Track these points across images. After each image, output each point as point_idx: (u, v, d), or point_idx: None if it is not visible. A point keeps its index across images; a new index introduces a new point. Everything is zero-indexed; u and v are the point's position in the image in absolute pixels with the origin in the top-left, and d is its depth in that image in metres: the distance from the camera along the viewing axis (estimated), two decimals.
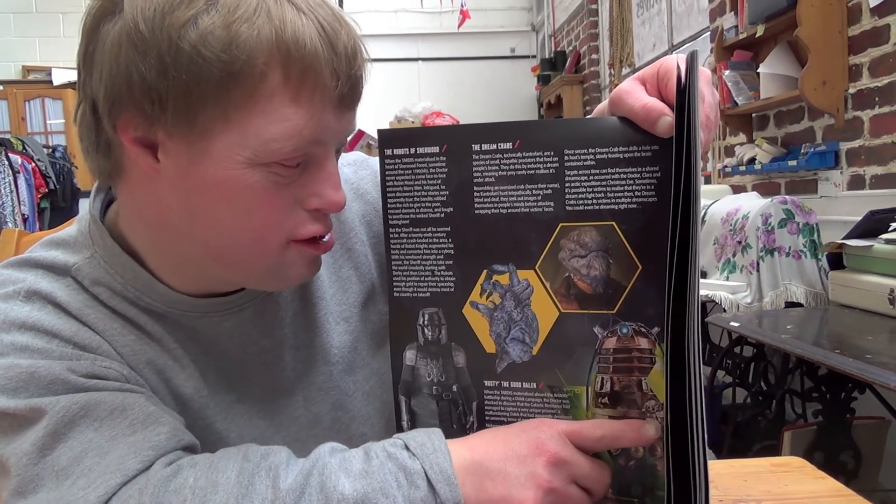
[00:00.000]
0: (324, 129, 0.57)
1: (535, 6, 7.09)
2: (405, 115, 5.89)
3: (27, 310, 0.59)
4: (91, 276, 0.62)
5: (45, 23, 6.54)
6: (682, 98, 0.52)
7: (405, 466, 0.54)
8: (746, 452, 2.15)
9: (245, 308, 0.67)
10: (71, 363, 0.57)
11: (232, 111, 0.53)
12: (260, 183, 0.56)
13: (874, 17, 2.26)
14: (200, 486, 0.52)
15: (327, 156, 0.59)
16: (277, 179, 0.56)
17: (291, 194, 0.58)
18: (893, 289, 1.69)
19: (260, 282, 0.63)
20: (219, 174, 0.55)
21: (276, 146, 0.54)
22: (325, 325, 0.71)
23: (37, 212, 4.97)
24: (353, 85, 0.58)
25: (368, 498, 0.52)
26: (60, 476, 0.53)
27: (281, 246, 0.59)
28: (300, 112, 0.55)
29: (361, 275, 0.75)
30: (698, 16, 3.75)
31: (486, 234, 0.59)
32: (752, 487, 0.74)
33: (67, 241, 0.65)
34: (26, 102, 6.11)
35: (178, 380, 0.64)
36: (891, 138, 2.22)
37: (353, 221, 0.75)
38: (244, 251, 0.59)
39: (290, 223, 0.59)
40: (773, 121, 2.90)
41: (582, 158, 0.56)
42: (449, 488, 0.53)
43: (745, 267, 2.20)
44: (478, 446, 0.56)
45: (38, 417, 0.54)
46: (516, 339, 0.60)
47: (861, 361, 1.36)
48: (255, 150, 0.54)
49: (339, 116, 0.58)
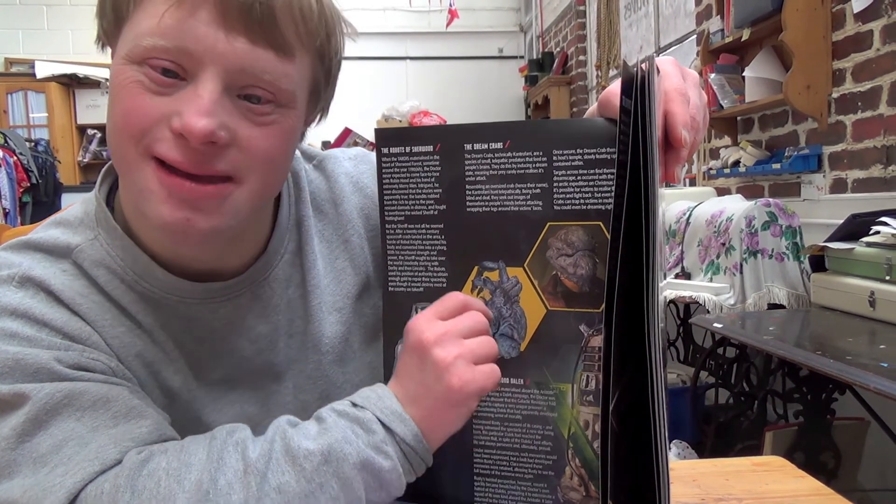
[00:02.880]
0: (195, 38, 0.55)
1: (524, 7, 7.10)
2: (392, 113, 5.88)
3: (20, 296, 0.59)
4: (92, 258, 0.63)
5: (28, 15, 6.47)
6: (639, 100, 0.52)
7: (357, 418, 0.56)
8: (728, 452, 2.17)
9: (241, 294, 0.68)
10: (59, 353, 0.57)
11: (131, 8, 0.57)
12: (129, 80, 0.56)
13: (858, 23, 2.28)
14: (174, 468, 0.53)
15: (204, 78, 0.55)
16: (144, 81, 0.56)
17: (158, 106, 0.56)
18: (874, 291, 1.71)
19: (145, 213, 0.60)
20: (112, 71, 0.58)
21: (142, 42, 0.55)
22: (318, 313, 0.72)
23: (18, 206, 4.91)
24: (247, 6, 0.55)
25: (333, 448, 0.54)
26: (38, 463, 0.53)
27: (139, 155, 0.57)
28: (170, 10, 0.55)
29: (356, 267, 0.75)
30: (685, 19, 3.77)
31: (477, 231, 0.60)
32: (734, 486, 0.75)
33: (72, 222, 0.65)
34: (8, 95, 6.03)
35: (166, 373, 0.64)
36: (873, 143, 2.25)
37: (350, 213, 0.76)
38: (116, 153, 0.59)
39: (151, 135, 0.56)
40: (757, 124, 2.93)
41: (570, 159, 0.57)
42: (403, 424, 0.56)
43: (729, 268, 2.23)
44: (400, 380, 0.59)
45: (20, 403, 0.54)
46: (505, 335, 0.60)
47: (841, 363, 1.38)
48: (131, 44, 0.56)
49: (225, 36, 0.55)
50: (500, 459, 0.62)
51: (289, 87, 0.59)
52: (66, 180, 5.56)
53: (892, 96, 2.15)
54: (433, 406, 0.57)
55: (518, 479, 0.61)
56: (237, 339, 0.68)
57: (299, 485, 0.53)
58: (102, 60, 4.57)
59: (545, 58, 6.16)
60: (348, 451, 0.54)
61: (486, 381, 0.56)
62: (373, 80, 6.55)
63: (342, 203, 0.75)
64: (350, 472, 0.54)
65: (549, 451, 0.60)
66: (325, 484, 0.54)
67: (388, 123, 5.77)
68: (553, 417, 0.60)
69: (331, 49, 0.63)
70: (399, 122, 5.74)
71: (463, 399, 0.56)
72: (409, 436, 0.56)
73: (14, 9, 6.47)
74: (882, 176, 2.21)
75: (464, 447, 0.62)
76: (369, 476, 0.55)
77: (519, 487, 0.61)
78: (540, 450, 0.60)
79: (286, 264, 0.71)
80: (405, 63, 7.02)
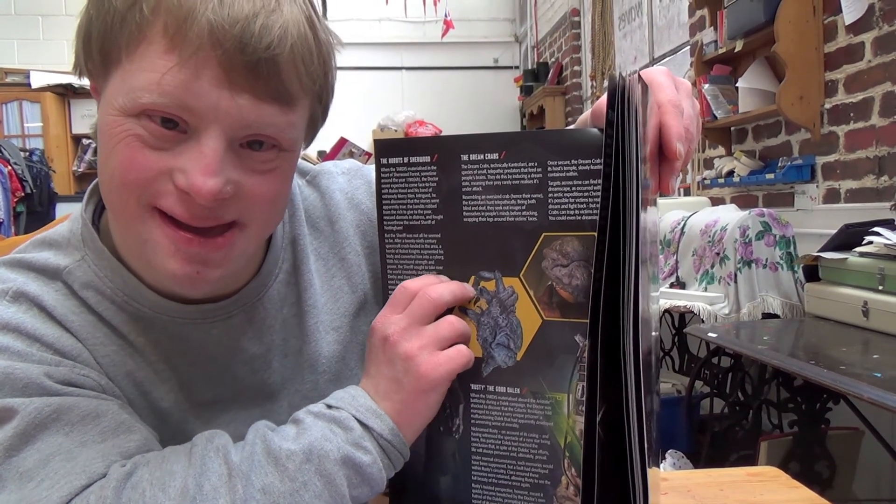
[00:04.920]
0: (197, 96, 0.53)
1: (519, 17, 7.14)
2: (388, 123, 5.91)
3: (12, 311, 0.59)
4: (81, 280, 0.62)
5: (23, 25, 6.48)
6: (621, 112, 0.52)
7: (333, 417, 0.57)
8: (724, 462, 2.17)
9: (233, 315, 0.67)
10: (49, 368, 0.57)
11: (123, 55, 0.55)
12: (126, 133, 0.54)
13: (850, 35, 2.31)
14: (157, 477, 0.52)
15: (208, 135, 0.54)
16: (143, 135, 0.54)
17: (161, 160, 0.55)
18: (867, 301, 1.72)
19: (151, 269, 0.60)
20: (104, 120, 0.57)
21: (140, 96, 0.53)
22: (315, 333, 0.71)
23: (12, 216, 4.90)
24: (252, 64, 0.53)
25: (313, 446, 0.55)
26: (24, 478, 0.53)
27: (142, 208, 0.56)
28: (169, 66, 0.52)
29: (354, 285, 0.74)
30: (678, 30, 3.80)
31: (473, 241, 0.60)
32: (728, 497, 0.75)
33: (59, 242, 0.64)
34: (3, 105, 6.03)
35: (157, 393, 0.64)
36: (865, 153, 2.26)
37: (346, 231, 0.75)
38: (115, 204, 0.58)
39: (153, 188, 0.55)
40: (751, 134, 2.95)
41: (565, 169, 0.57)
42: (379, 419, 0.58)
43: (723, 278, 2.23)
44: (371, 378, 0.60)
45: (8, 417, 0.54)
46: (502, 345, 0.60)
47: (835, 373, 1.38)
48: (126, 96, 0.54)
49: (230, 94, 0.53)
50: (497, 467, 0.62)
51: (291, 136, 0.59)
52: (60, 190, 5.56)
53: (884, 107, 2.17)
54: (405, 399, 0.58)
55: (515, 488, 0.62)
56: (230, 360, 0.67)
57: (283, 485, 0.54)
58: None
59: (540, 68, 6.19)
60: (328, 448, 0.55)
61: (452, 363, 0.58)
62: (368, 90, 6.57)
63: (338, 220, 0.74)
64: (332, 469, 0.55)
65: (545, 460, 0.60)
66: (309, 482, 0.54)
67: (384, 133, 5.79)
68: (549, 427, 0.60)
69: (328, 87, 0.63)
70: (394, 132, 5.76)
71: (433, 385, 0.58)
72: (385, 430, 0.57)
73: (9, 19, 6.48)
74: (875, 186, 2.22)
75: (463, 454, 0.63)
76: (351, 472, 0.56)
77: (516, 496, 0.61)
78: (536, 459, 0.61)
79: (281, 284, 0.70)
80: (401, 73, 7.04)
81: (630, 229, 0.50)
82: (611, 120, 0.52)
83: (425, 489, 0.59)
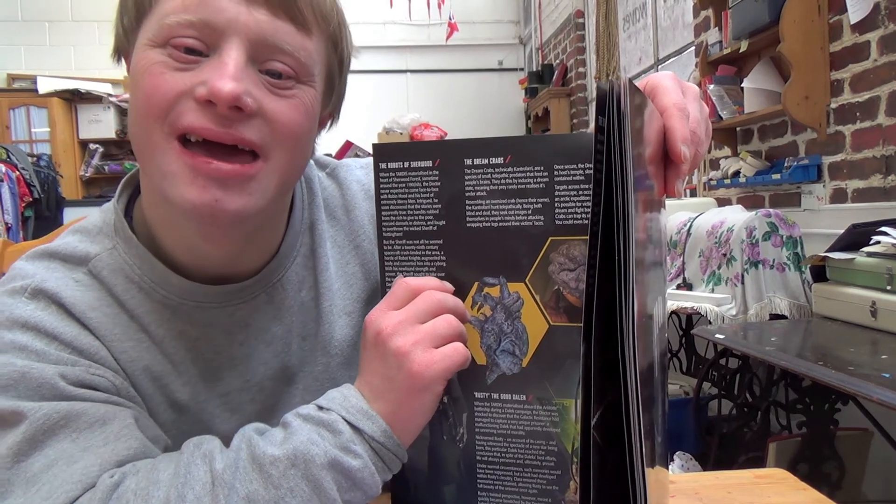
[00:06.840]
0: (217, 10, 0.57)
1: (523, 19, 7.14)
2: (393, 126, 5.91)
3: (31, 308, 0.60)
4: (111, 266, 0.64)
5: (30, 31, 6.51)
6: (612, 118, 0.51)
7: (322, 420, 0.56)
8: (732, 464, 2.16)
9: (256, 295, 0.69)
10: (64, 368, 0.57)
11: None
12: (151, 62, 0.57)
13: (855, 34, 2.30)
14: (142, 488, 0.52)
15: (228, 48, 0.57)
16: (168, 61, 0.57)
17: (183, 80, 0.57)
18: (875, 301, 1.71)
19: (170, 198, 0.59)
20: (134, 66, 0.60)
21: (166, 20, 0.57)
22: (329, 315, 0.73)
23: (21, 221, 4.92)
24: None
25: (298, 451, 0.54)
26: (30, 482, 0.53)
27: (164, 138, 0.58)
28: None
29: (367, 272, 0.76)
30: (683, 31, 3.80)
31: (477, 246, 0.60)
32: (736, 499, 0.75)
33: (91, 230, 0.67)
34: (10, 110, 6.06)
35: (174, 386, 0.65)
36: (872, 153, 2.25)
37: (362, 220, 0.77)
38: (140, 138, 0.59)
39: (176, 110, 0.57)
40: (757, 135, 2.94)
41: (571, 173, 0.57)
42: (370, 421, 0.56)
43: (730, 279, 2.23)
44: (364, 376, 0.58)
45: (17, 421, 0.55)
46: (506, 352, 0.60)
47: (844, 373, 1.38)
48: (154, 28, 0.58)
49: (247, 8, 0.58)
50: (503, 475, 0.62)
51: (308, 62, 0.61)
52: (68, 195, 5.58)
53: (890, 106, 2.16)
54: (399, 398, 0.56)
55: (522, 495, 0.61)
56: (254, 343, 0.69)
57: (268, 492, 0.53)
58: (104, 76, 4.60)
59: (545, 70, 6.19)
60: (315, 452, 0.54)
61: (447, 361, 0.56)
62: (373, 93, 6.58)
63: (354, 210, 0.77)
64: (319, 474, 0.54)
65: (552, 466, 0.60)
66: (295, 488, 0.53)
67: (389, 136, 5.79)
68: (556, 433, 0.60)
69: (343, 38, 0.66)
70: (400, 135, 5.76)
71: (427, 383, 0.55)
72: (377, 433, 0.56)
73: (16, 25, 6.51)
74: (882, 186, 2.21)
75: (468, 463, 0.62)
76: (340, 476, 0.54)
77: (523, 502, 0.61)
78: (544, 465, 0.60)
79: (299, 266, 0.72)
80: (405, 76, 7.05)
81: (623, 233, 0.50)
82: (601, 126, 0.52)
83: (429, 498, 0.59)
